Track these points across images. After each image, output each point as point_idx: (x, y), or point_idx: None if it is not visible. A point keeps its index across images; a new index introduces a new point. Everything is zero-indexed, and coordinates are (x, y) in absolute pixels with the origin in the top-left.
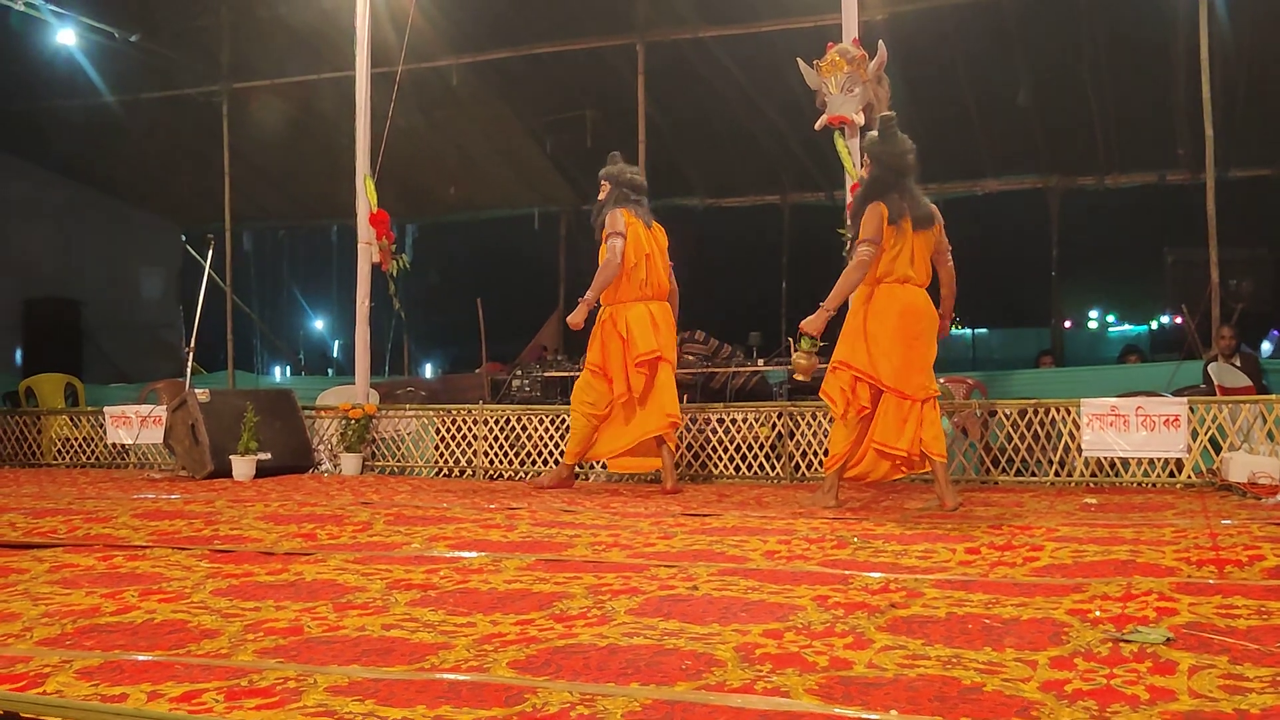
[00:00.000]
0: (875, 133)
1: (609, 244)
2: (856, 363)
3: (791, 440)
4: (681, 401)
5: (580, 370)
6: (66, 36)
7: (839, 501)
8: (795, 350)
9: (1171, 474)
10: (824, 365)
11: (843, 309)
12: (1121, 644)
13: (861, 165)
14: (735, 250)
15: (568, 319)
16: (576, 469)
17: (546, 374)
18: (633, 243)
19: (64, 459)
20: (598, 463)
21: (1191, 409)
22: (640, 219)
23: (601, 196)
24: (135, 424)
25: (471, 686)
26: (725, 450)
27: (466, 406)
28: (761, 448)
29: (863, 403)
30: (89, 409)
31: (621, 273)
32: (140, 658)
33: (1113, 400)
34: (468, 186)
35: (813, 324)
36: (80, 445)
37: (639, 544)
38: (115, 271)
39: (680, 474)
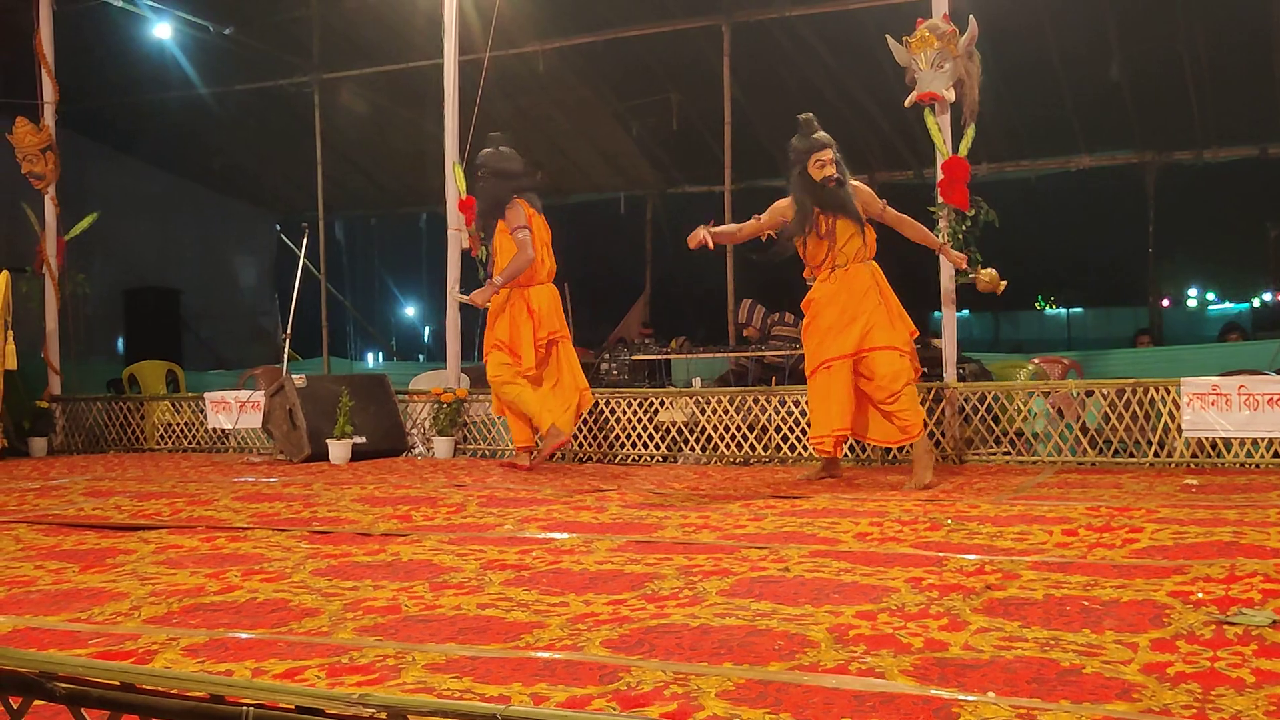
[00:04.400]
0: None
1: (517, 238)
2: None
3: None
4: (770, 384)
5: (667, 350)
6: (163, 31)
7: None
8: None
9: (1276, 454)
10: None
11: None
12: (1225, 626)
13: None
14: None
15: (473, 297)
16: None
17: (634, 357)
18: (536, 232)
19: (166, 444)
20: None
21: None
22: (535, 207)
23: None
24: (234, 409)
25: (566, 665)
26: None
27: None
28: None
29: None
30: (189, 395)
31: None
32: (243, 636)
33: (1214, 379)
34: (554, 172)
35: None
36: (181, 430)
37: (729, 525)
38: (212, 261)
39: (769, 457)
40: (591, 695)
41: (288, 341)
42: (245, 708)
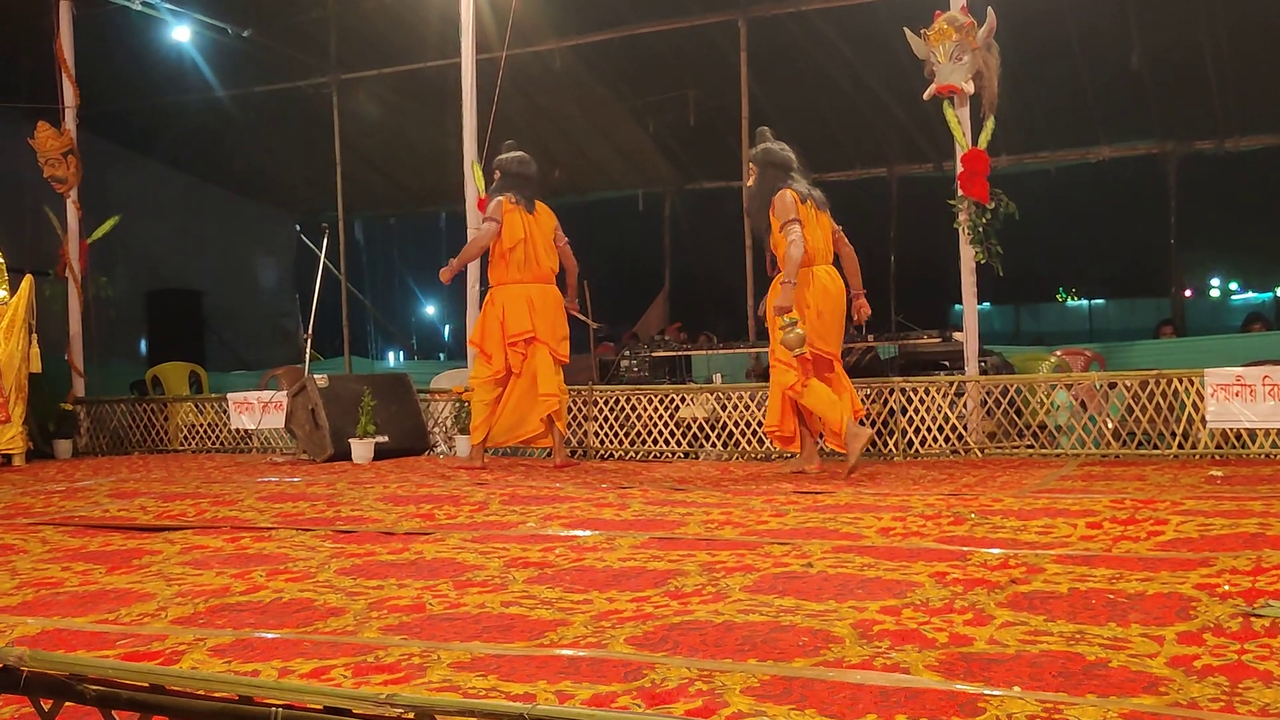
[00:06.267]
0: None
1: (481, 226)
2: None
3: (904, 416)
4: None
5: (688, 346)
6: (182, 34)
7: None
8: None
9: None
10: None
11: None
12: (1253, 619)
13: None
14: (842, 225)
15: (440, 273)
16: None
17: (655, 354)
18: (508, 228)
19: (190, 444)
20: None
21: None
22: (520, 204)
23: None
24: (257, 409)
25: (590, 662)
26: None
27: (576, 388)
28: (872, 424)
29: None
30: (212, 396)
31: (498, 255)
32: (269, 636)
33: (1238, 370)
34: (572, 170)
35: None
36: (205, 431)
37: (751, 522)
38: (233, 262)
39: (790, 452)
40: (616, 693)
41: (309, 341)
42: (274, 708)
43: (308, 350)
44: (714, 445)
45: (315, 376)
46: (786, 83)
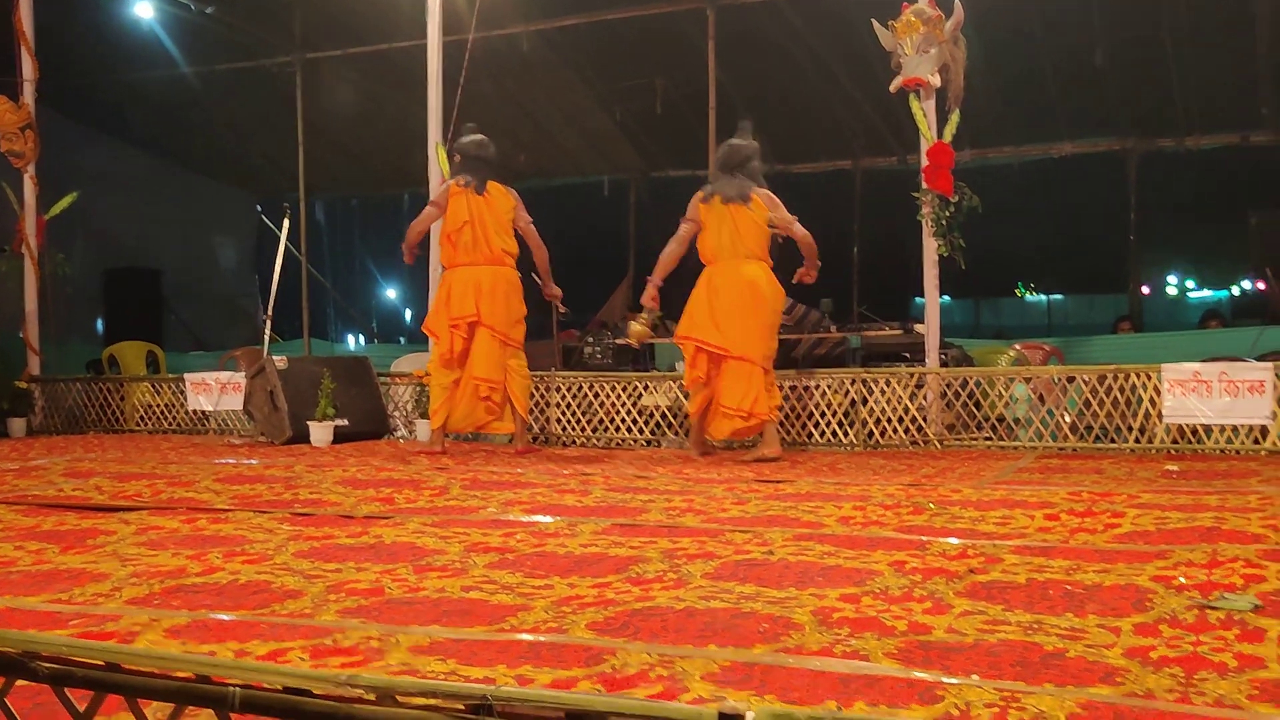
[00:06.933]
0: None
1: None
2: (698, 333)
3: (865, 407)
4: None
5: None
6: (144, 10)
7: (704, 452)
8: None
9: (1256, 441)
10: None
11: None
12: (1208, 611)
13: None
14: (806, 217)
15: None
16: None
17: (618, 341)
18: (452, 210)
19: (146, 425)
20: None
21: (1277, 375)
22: (469, 187)
23: None
24: (215, 391)
25: (551, 647)
26: (799, 417)
27: (539, 373)
28: (835, 414)
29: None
30: (170, 376)
31: (444, 238)
32: (226, 617)
33: (1195, 365)
34: (538, 155)
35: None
36: (162, 412)
37: (713, 509)
38: (193, 242)
39: (751, 442)
40: (577, 677)
41: (269, 323)
42: (232, 688)
43: (267, 332)
44: (676, 434)
45: (274, 358)
46: (754, 72)
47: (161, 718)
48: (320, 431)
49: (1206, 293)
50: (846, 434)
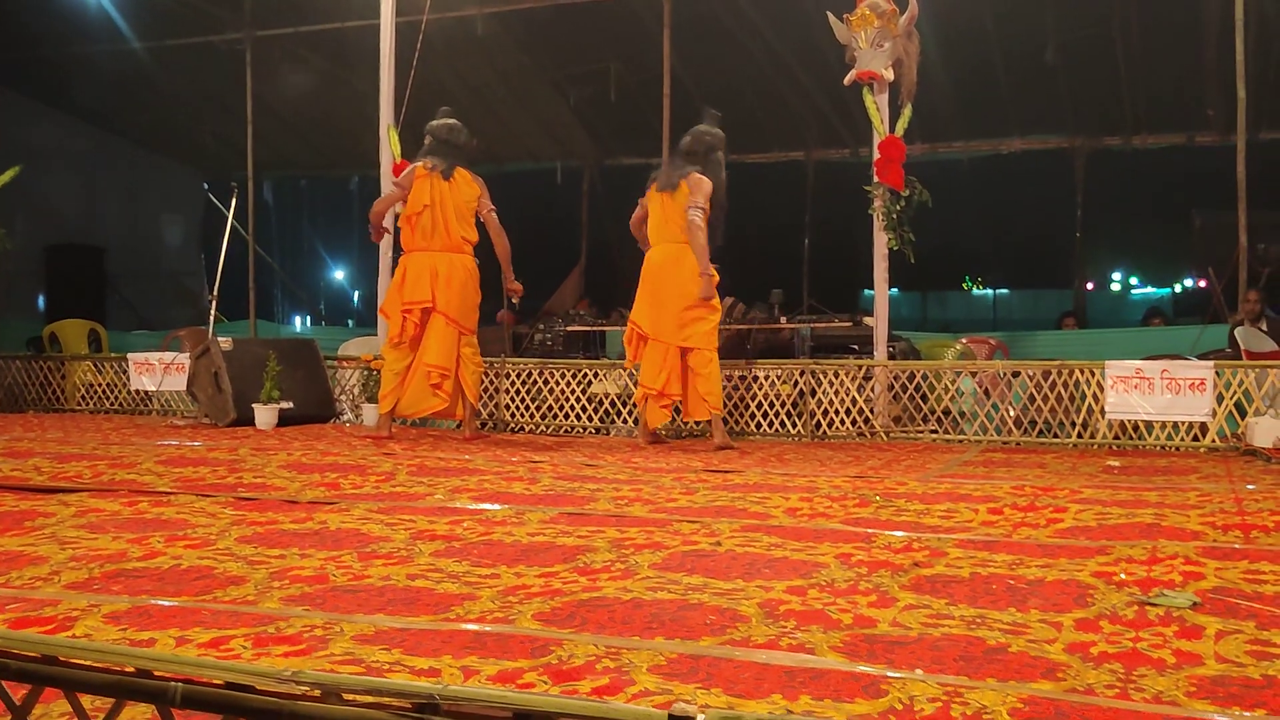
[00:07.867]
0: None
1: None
2: (633, 316)
3: (813, 398)
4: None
5: (601, 322)
6: None
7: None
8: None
9: (1195, 438)
10: None
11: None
12: (1147, 607)
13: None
14: (759, 207)
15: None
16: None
17: (569, 328)
18: (414, 193)
19: (87, 405)
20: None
21: (1217, 373)
22: (435, 171)
23: None
24: (158, 371)
25: (497, 638)
26: (747, 407)
27: (489, 359)
28: (784, 405)
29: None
30: (112, 355)
31: (404, 220)
32: (167, 603)
33: (1137, 363)
34: (491, 139)
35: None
36: (103, 391)
37: (661, 499)
38: (138, 219)
39: (701, 430)
40: (523, 669)
41: (214, 303)
42: (173, 684)
43: (212, 312)
44: (625, 422)
45: (219, 339)
46: (709, 61)
47: (103, 711)
48: (265, 414)
49: (1150, 290)
50: (794, 424)
